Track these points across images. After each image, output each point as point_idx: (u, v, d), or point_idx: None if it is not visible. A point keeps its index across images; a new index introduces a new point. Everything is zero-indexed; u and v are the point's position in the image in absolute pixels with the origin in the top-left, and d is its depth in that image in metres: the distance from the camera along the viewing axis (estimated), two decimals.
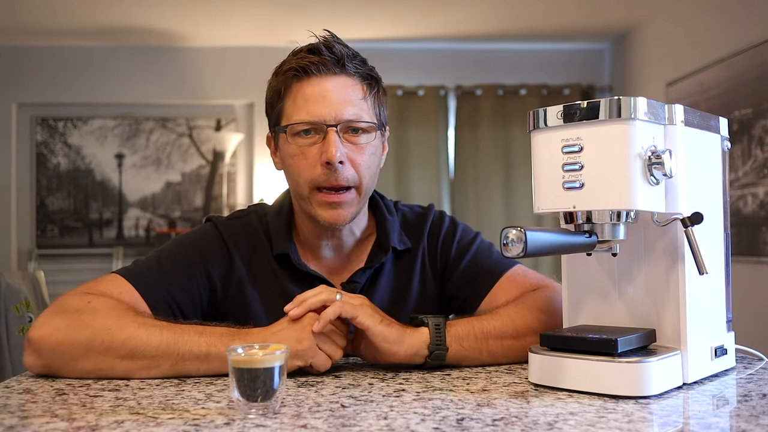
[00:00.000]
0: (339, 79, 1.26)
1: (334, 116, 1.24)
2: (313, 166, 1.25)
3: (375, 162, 1.31)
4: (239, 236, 1.35)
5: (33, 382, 1.09)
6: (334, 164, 1.23)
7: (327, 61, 1.25)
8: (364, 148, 1.28)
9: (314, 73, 1.25)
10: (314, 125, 1.25)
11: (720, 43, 3.84)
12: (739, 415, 0.90)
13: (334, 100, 1.24)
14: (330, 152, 1.22)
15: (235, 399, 0.89)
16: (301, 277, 1.33)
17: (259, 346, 0.93)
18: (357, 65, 1.28)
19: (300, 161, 1.27)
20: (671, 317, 1.04)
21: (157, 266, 1.28)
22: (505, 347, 1.19)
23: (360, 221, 1.37)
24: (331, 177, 1.24)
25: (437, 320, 1.15)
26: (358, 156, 1.27)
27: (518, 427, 0.83)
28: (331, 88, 1.25)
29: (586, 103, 0.99)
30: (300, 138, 1.26)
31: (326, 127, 1.24)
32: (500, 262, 1.37)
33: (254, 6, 4.41)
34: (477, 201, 5.18)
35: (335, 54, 1.26)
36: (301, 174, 1.27)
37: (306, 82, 1.26)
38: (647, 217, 1.03)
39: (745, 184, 3.63)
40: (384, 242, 1.36)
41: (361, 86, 1.28)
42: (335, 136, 1.24)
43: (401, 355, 1.13)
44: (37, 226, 5.17)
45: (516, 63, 5.29)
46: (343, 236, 1.35)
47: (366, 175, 1.28)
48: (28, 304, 2.23)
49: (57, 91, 5.11)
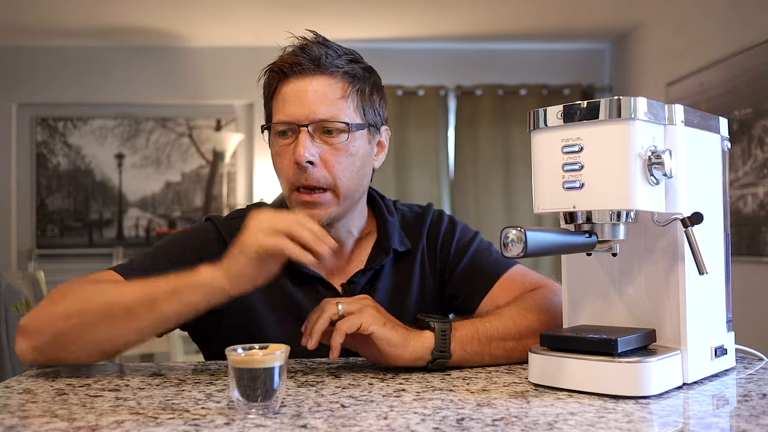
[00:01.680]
0: (316, 79, 1.26)
1: (306, 116, 1.24)
2: (288, 166, 1.26)
3: (355, 162, 1.28)
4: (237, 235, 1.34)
5: (33, 382, 1.09)
6: (302, 164, 1.23)
7: (302, 62, 1.25)
8: (340, 148, 1.26)
9: (291, 73, 1.26)
10: (289, 125, 1.26)
11: (720, 43, 3.84)
12: (739, 415, 0.90)
13: (308, 100, 1.24)
14: (297, 152, 1.23)
15: (235, 399, 0.89)
16: (301, 278, 1.32)
17: (259, 347, 0.93)
18: (338, 63, 1.27)
19: (281, 161, 1.28)
20: (671, 317, 1.04)
21: (152, 261, 1.28)
22: (507, 349, 1.19)
23: (357, 220, 1.36)
24: (302, 177, 1.24)
25: (443, 326, 1.14)
26: (332, 157, 1.25)
27: (518, 427, 0.83)
28: (308, 89, 1.25)
29: (586, 103, 0.99)
30: (280, 138, 1.28)
31: (298, 127, 1.24)
32: (499, 261, 1.37)
33: (254, 6, 4.41)
34: (477, 201, 5.18)
35: (310, 54, 1.26)
36: (281, 173, 1.29)
37: (285, 82, 1.27)
38: (647, 217, 1.03)
39: (745, 184, 3.63)
40: (385, 243, 1.36)
41: (342, 85, 1.27)
42: (305, 136, 1.23)
43: (405, 359, 1.13)
44: (37, 226, 5.17)
45: (516, 63, 5.29)
46: (341, 236, 1.35)
47: (342, 177, 1.26)
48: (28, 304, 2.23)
49: (57, 91, 5.11)
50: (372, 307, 1.13)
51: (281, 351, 0.91)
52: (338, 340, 1.10)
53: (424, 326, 1.15)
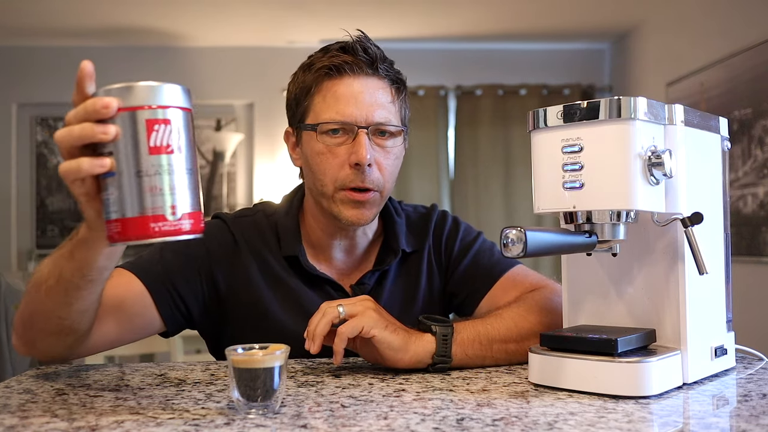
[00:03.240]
0: (371, 81, 1.26)
1: (365, 118, 1.24)
2: (340, 166, 1.25)
3: (398, 165, 1.31)
4: (247, 233, 1.34)
5: (33, 382, 1.09)
6: (363, 166, 1.23)
7: (361, 62, 1.25)
8: (390, 151, 1.28)
9: (347, 72, 1.25)
10: (345, 125, 1.24)
11: (720, 43, 3.84)
12: (739, 415, 0.90)
13: (365, 101, 1.24)
14: (360, 154, 1.22)
15: (235, 399, 0.89)
16: (311, 280, 1.32)
17: (259, 347, 0.93)
18: (387, 68, 1.28)
19: (327, 160, 1.26)
20: (671, 317, 1.04)
21: (160, 257, 1.28)
22: (509, 351, 1.18)
23: (374, 223, 1.37)
24: (358, 178, 1.24)
25: (445, 330, 1.13)
26: (384, 159, 1.27)
27: (518, 427, 0.83)
28: (363, 90, 1.25)
29: (586, 103, 0.99)
30: (327, 137, 1.26)
31: (357, 129, 1.24)
32: (501, 261, 1.37)
33: (254, 6, 4.41)
34: (477, 201, 5.18)
35: (369, 55, 1.25)
36: (327, 172, 1.26)
37: (338, 80, 1.25)
38: (647, 217, 1.03)
39: (745, 184, 3.63)
40: (393, 244, 1.36)
41: (391, 89, 1.28)
42: (365, 138, 1.23)
43: (405, 362, 1.12)
44: (37, 226, 5.17)
45: (516, 63, 5.29)
46: (357, 237, 1.35)
47: (390, 179, 1.29)
48: None
49: (57, 91, 5.09)
50: (373, 310, 1.12)
51: (281, 351, 0.91)
52: (341, 346, 1.09)
53: (426, 329, 1.14)
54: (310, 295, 1.31)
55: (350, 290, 1.33)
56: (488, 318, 1.21)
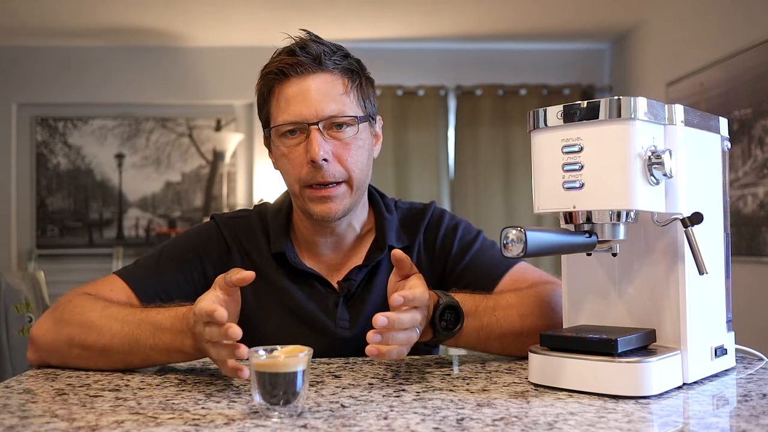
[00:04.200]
0: (318, 77, 1.27)
1: (315, 114, 1.25)
2: (300, 166, 1.27)
3: (364, 154, 1.31)
4: (240, 235, 1.37)
5: (33, 382, 1.09)
6: (318, 162, 1.24)
7: (303, 61, 1.27)
8: (349, 142, 1.28)
9: (292, 74, 1.27)
10: (297, 125, 1.26)
11: (720, 43, 3.84)
12: (739, 415, 0.90)
13: (313, 98, 1.26)
14: (313, 151, 1.24)
15: (257, 402, 0.88)
16: (299, 276, 1.34)
17: (281, 348, 0.91)
18: (336, 60, 1.29)
19: (288, 161, 1.29)
20: (671, 317, 1.04)
21: (155, 264, 1.33)
22: (504, 345, 1.22)
23: (360, 215, 1.38)
24: (317, 175, 1.26)
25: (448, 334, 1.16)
26: (344, 151, 1.28)
27: (518, 427, 0.83)
28: (311, 87, 1.26)
29: (586, 103, 0.99)
30: (286, 138, 1.29)
31: (308, 126, 1.25)
32: (503, 259, 1.37)
33: (254, 6, 4.41)
34: (477, 201, 5.18)
35: (310, 53, 1.27)
36: (290, 173, 1.29)
37: (286, 83, 1.28)
38: (647, 217, 1.03)
39: (745, 184, 3.63)
40: (381, 240, 1.37)
41: (342, 81, 1.29)
42: (317, 134, 1.25)
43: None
44: (37, 226, 5.17)
45: (516, 63, 5.28)
46: (343, 232, 1.36)
47: (355, 169, 1.29)
48: (28, 305, 2.22)
49: (57, 91, 5.11)
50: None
51: (304, 353, 0.89)
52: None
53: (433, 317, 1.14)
54: (295, 290, 1.33)
55: (337, 286, 1.34)
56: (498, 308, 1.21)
